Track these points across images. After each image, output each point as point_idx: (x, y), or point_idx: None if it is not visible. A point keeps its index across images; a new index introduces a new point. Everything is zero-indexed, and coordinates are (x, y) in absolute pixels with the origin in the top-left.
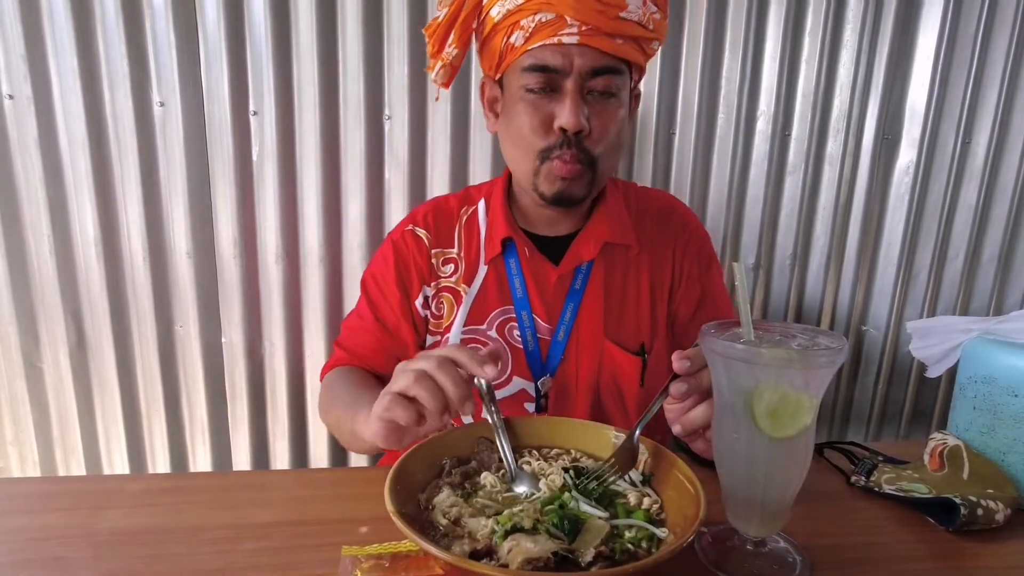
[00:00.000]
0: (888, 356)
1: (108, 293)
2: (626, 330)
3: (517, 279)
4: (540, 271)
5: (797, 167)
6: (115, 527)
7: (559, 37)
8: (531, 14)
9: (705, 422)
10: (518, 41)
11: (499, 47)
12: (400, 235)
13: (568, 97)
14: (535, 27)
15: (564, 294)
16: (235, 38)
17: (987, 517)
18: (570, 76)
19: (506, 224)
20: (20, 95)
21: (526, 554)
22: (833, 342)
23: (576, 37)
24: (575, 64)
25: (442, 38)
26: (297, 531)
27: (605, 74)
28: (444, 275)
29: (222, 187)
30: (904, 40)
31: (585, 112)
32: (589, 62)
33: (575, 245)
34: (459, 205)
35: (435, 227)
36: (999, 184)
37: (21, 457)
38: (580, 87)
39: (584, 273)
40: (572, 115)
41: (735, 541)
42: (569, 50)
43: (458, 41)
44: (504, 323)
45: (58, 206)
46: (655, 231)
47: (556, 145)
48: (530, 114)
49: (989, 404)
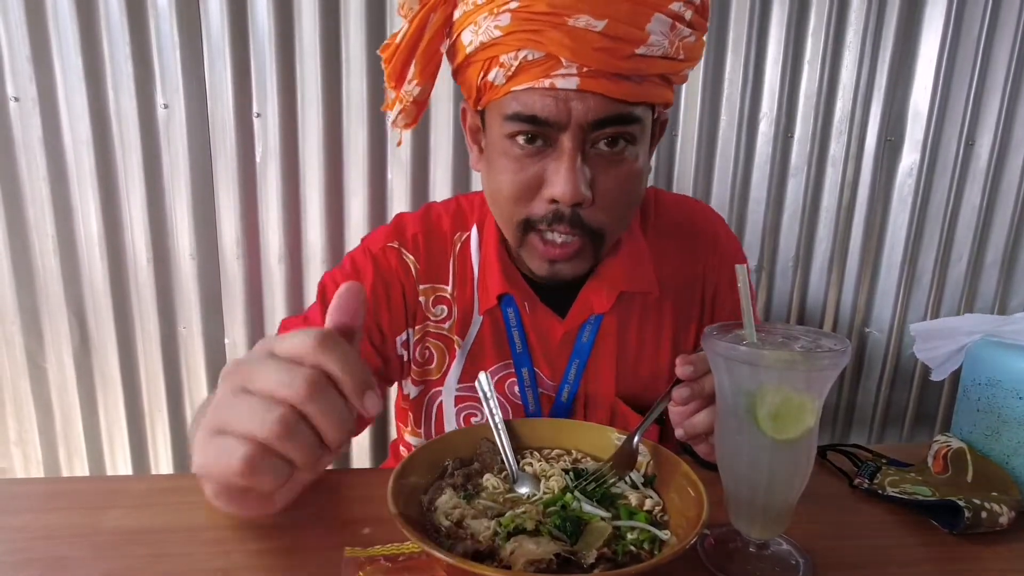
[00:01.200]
0: (891, 358)
1: (112, 293)
2: (642, 388)
3: (516, 332)
4: (543, 325)
5: (800, 169)
6: (118, 527)
7: (551, 80)
8: (512, 50)
9: (708, 428)
10: (498, 80)
11: (475, 81)
12: (382, 251)
13: (564, 159)
14: (519, 66)
15: (570, 349)
16: (239, 40)
17: (991, 520)
18: (567, 130)
19: (502, 278)
20: (25, 96)
21: (528, 555)
22: (836, 344)
23: (575, 80)
24: (573, 115)
25: (400, 69)
26: (300, 532)
27: (615, 124)
28: (434, 318)
29: (225, 188)
30: (907, 42)
31: (587, 175)
32: (593, 112)
33: (584, 294)
34: (452, 228)
35: (426, 255)
36: (1002, 186)
37: (25, 457)
38: (581, 143)
39: (592, 326)
40: (568, 184)
41: (738, 543)
42: (566, 96)
43: (420, 76)
44: (503, 379)
45: (62, 206)
46: (680, 259)
47: (545, 217)
48: (512, 173)
49: (993, 407)
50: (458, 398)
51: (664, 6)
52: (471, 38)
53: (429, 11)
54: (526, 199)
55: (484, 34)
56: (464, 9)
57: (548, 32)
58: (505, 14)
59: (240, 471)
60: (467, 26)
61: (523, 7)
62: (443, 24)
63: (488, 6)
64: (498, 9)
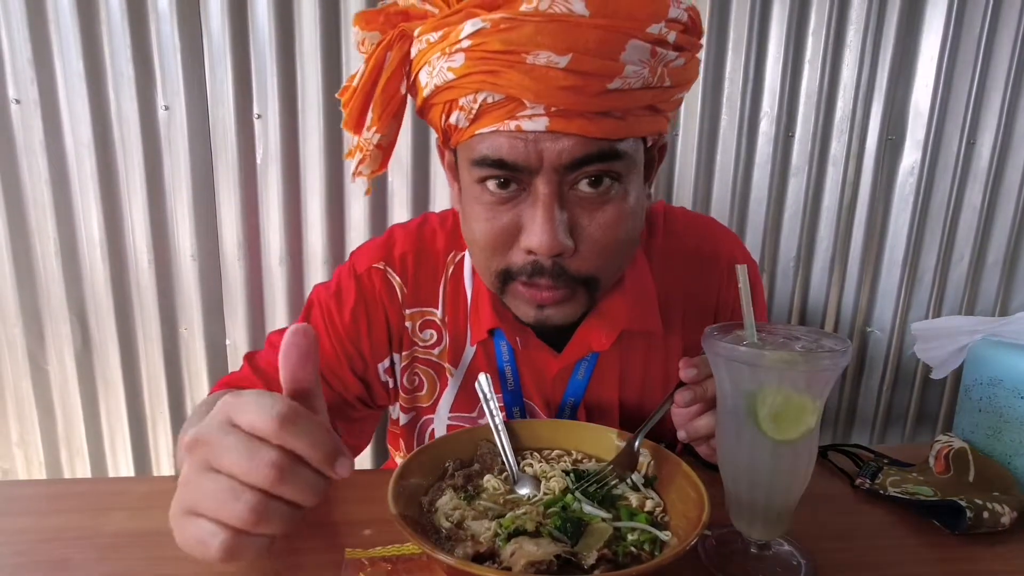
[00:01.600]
0: (893, 358)
1: (113, 295)
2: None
3: (508, 367)
4: (538, 360)
5: (801, 168)
6: (120, 529)
7: (517, 123)
8: (470, 92)
9: (710, 431)
10: (460, 123)
11: (439, 123)
12: (367, 273)
13: (538, 206)
14: (480, 108)
15: (564, 386)
16: (239, 42)
17: (993, 520)
18: (539, 174)
19: (492, 312)
20: (27, 99)
21: (529, 557)
22: (837, 344)
23: (544, 120)
24: (545, 157)
25: (357, 115)
26: (300, 533)
27: (595, 163)
28: (422, 343)
29: (226, 190)
30: (908, 41)
31: (565, 222)
32: (568, 152)
33: (582, 331)
34: (446, 248)
35: (414, 277)
36: (1004, 185)
37: (27, 459)
38: (557, 186)
39: (588, 362)
40: (544, 234)
41: (739, 544)
42: (536, 139)
43: (379, 121)
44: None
45: (64, 209)
46: (691, 286)
47: (524, 270)
48: (485, 221)
49: (995, 406)
50: (450, 427)
51: (639, 31)
52: (427, 79)
53: (384, 49)
54: (502, 249)
55: (438, 76)
56: (419, 47)
57: (505, 73)
58: (458, 54)
59: (220, 557)
60: (422, 66)
61: (476, 46)
62: (400, 63)
63: (440, 45)
64: (450, 49)
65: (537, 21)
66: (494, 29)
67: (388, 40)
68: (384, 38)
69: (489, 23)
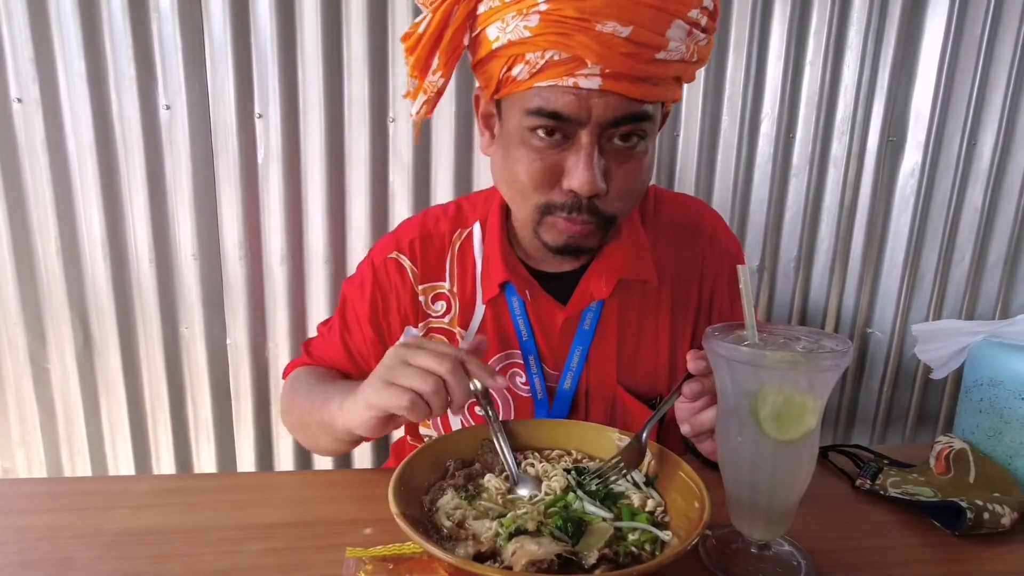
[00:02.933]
0: (893, 359)
1: (114, 295)
2: (642, 377)
3: (521, 321)
4: (544, 312)
5: (801, 169)
6: (121, 527)
7: (575, 80)
8: (540, 50)
9: (714, 425)
10: (522, 75)
11: (497, 74)
12: (382, 262)
13: (582, 154)
14: (545, 64)
15: (571, 337)
16: (240, 41)
17: (993, 521)
18: (586, 126)
19: (503, 266)
20: (28, 98)
21: (530, 556)
22: (838, 345)
23: (597, 80)
24: (593, 114)
25: (424, 60)
26: (301, 532)
27: (630, 122)
28: (434, 314)
29: (227, 189)
30: (909, 42)
31: (602, 167)
32: (612, 111)
33: (585, 281)
34: (451, 229)
35: (423, 258)
36: (1005, 186)
37: (28, 458)
38: (597, 138)
39: (594, 312)
40: (586, 176)
41: (739, 544)
42: (588, 96)
43: (444, 67)
44: (506, 369)
45: (65, 208)
46: (679, 253)
47: (565, 205)
48: (532, 163)
49: (995, 407)
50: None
51: (683, 13)
52: (497, 34)
53: (453, 3)
54: (545, 187)
55: (513, 32)
56: (490, 5)
57: (576, 36)
58: (534, 15)
59: (406, 408)
60: (493, 22)
61: (553, 10)
62: (466, 18)
63: (516, 5)
64: (527, 10)
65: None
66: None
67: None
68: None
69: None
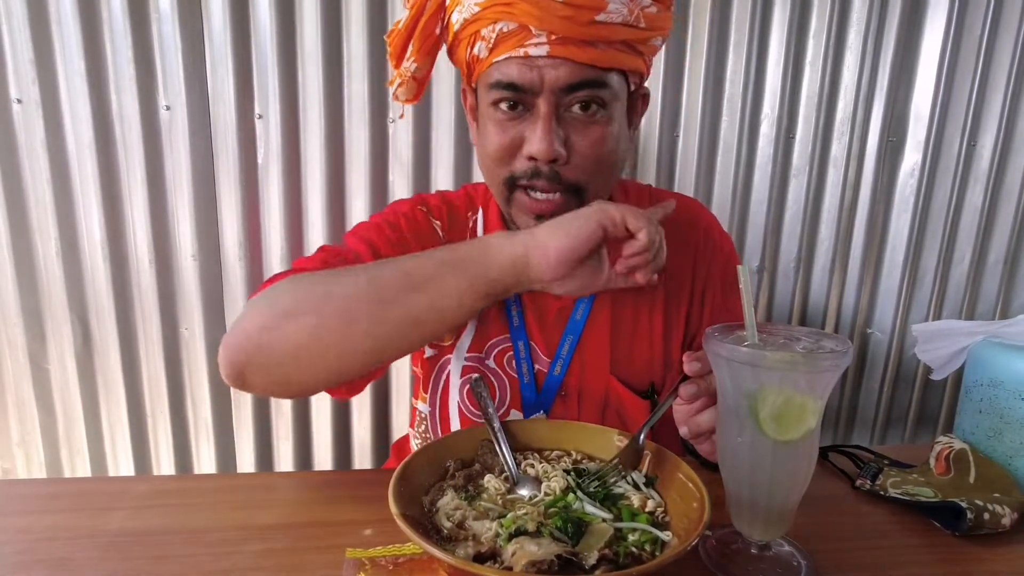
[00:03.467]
0: (893, 359)
1: (114, 295)
2: (635, 368)
3: (515, 307)
4: (539, 299)
5: (801, 170)
6: (121, 528)
7: (525, 49)
8: (490, 23)
9: (712, 426)
10: (482, 53)
11: (464, 57)
12: (411, 209)
13: (539, 120)
14: (497, 38)
15: (564, 325)
16: (240, 42)
17: (994, 521)
18: (541, 94)
19: None
20: (28, 99)
21: (530, 557)
22: (838, 345)
23: (545, 47)
24: (546, 80)
25: (400, 48)
26: (301, 533)
27: (585, 88)
28: None
29: (227, 190)
30: (909, 42)
31: (561, 135)
32: (564, 77)
33: None
34: (466, 208)
35: (450, 224)
36: (1005, 187)
37: (27, 458)
38: (555, 106)
39: (587, 303)
40: (543, 142)
41: (739, 544)
42: (538, 63)
43: (417, 53)
44: (503, 352)
45: (65, 208)
46: (673, 247)
47: (525, 174)
48: (497, 135)
49: (995, 408)
50: (465, 368)
51: None
52: (457, 16)
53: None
54: (508, 158)
55: (467, 11)
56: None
57: (518, 4)
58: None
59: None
60: (455, 8)
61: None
62: (438, 9)
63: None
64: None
65: None
66: None
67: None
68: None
69: None
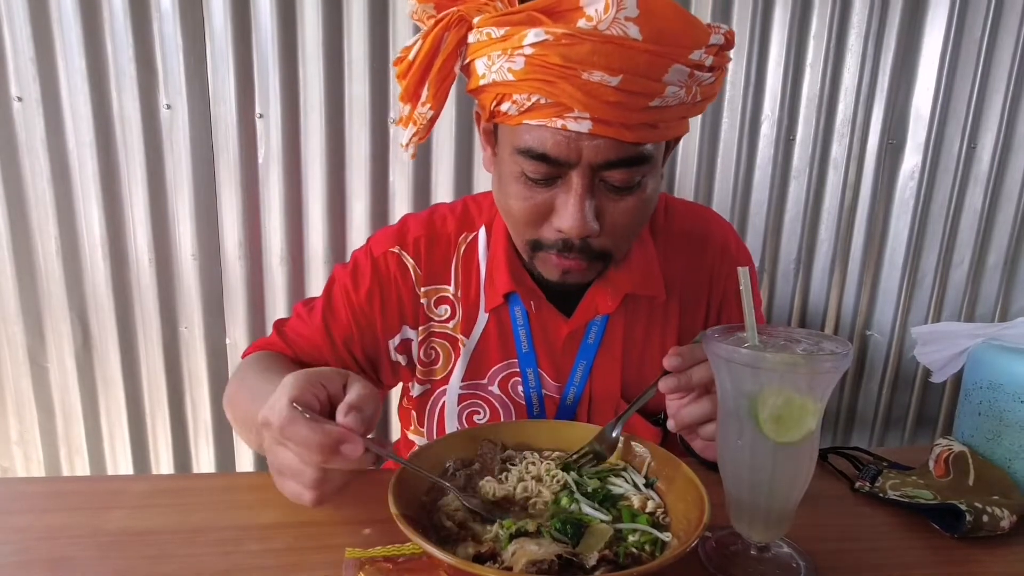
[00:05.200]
0: (893, 361)
1: (114, 294)
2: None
3: (523, 331)
4: (549, 324)
5: (801, 171)
6: (119, 527)
7: (563, 122)
8: (524, 92)
9: (698, 419)
10: (511, 111)
11: (488, 105)
12: (383, 254)
13: (571, 194)
14: (532, 105)
15: (575, 350)
16: (241, 41)
17: (993, 524)
18: (576, 168)
19: (508, 277)
20: (29, 97)
21: (530, 557)
22: (838, 347)
23: (587, 124)
24: (584, 155)
25: (414, 89)
26: (301, 533)
27: (626, 166)
28: (437, 318)
29: (227, 189)
30: (909, 45)
31: (593, 208)
32: (603, 155)
33: (591, 295)
34: (457, 230)
35: (427, 259)
36: (1004, 189)
37: (26, 457)
38: (590, 180)
39: (599, 326)
40: (575, 219)
41: (739, 546)
42: (578, 137)
43: (434, 99)
44: (507, 378)
45: (65, 207)
46: (688, 263)
47: (555, 244)
48: (523, 200)
49: (995, 410)
50: (461, 396)
51: (683, 56)
52: (484, 71)
53: (443, 30)
54: (535, 224)
55: (498, 73)
56: (478, 37)
57: (560, 84)
58: (519, 58)
59: (313, 504)
60: (481, 56)
61: (537, 55)
62: (457, 45)
63: (502, 44)
64: (512, 51)
65: (595, 41)
66: (555, 43)
67: (446, 22)
68: (441, 18)
69: (551, 36)
